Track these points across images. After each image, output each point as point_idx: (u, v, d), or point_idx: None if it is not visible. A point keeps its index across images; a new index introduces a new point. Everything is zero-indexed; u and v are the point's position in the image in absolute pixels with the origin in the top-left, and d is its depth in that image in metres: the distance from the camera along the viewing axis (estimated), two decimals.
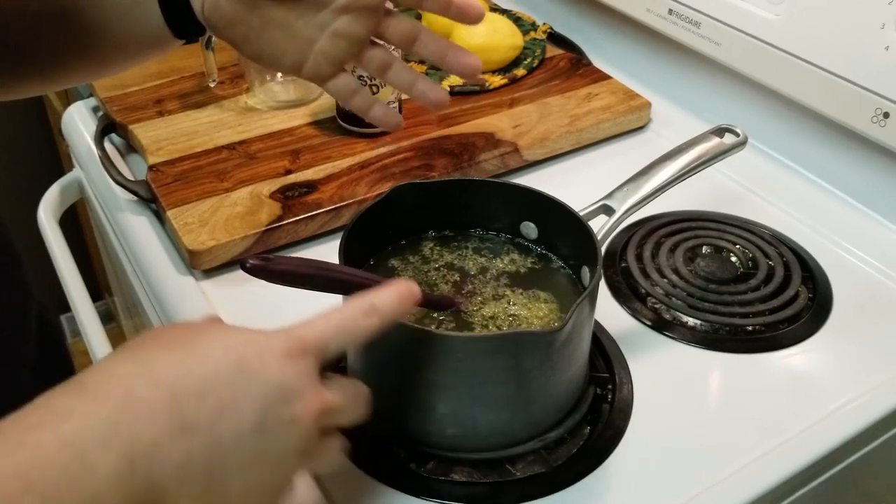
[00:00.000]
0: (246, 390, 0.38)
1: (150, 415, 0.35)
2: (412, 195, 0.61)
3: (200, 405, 0.37)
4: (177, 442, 0.36)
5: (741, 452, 0.55)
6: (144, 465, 0.35)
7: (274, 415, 0.39)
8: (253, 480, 0.39)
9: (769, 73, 0.79)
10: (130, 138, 0.84)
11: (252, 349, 0.40)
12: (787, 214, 0.77)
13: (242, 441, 0.38)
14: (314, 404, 0.40)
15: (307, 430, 0.40)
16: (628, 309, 0.66)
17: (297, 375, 0.40)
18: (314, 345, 0.42)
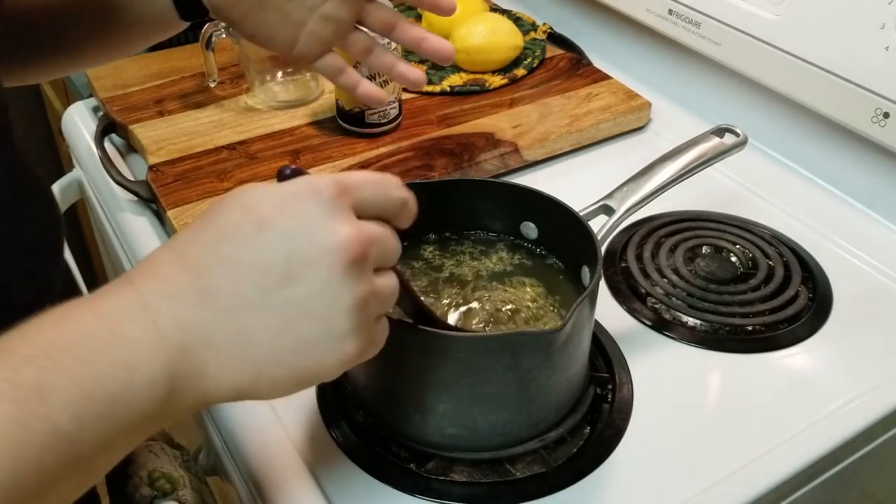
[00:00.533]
0: (264, 241, 0.37)
1: (174, 290, 0.36)
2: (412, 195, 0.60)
3: (219, 269, 0.37)
4: (201, 311, 0.36)
5: (741, 452, 0.55)
6: (173, 336, 0.36)
7: (300, 257, 0.36)
8: (302, 335, 0.37)
9: (769, 73, 0.79)
10: (131, 138, 0.84)
11: (271, 202, 0.38)
12: (787, 214, 0.77)
13: (272, 295, 0.36)
14: (349, 234, 0.37)
15: (350, 265, 0.37)
16: (628, 309, 0.66)
17: (323, 211, 0.37)
18: (343, 183, 0.39)
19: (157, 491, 0.60)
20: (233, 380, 0.37)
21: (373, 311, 0.39)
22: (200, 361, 0.36)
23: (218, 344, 0.36)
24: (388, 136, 0.83)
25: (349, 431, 0.56)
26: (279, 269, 0.36)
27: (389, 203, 0.41)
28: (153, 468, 0.61)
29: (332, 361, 0.38)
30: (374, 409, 0.56)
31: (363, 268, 0.38)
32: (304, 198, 0.37)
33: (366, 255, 0.38)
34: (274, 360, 0.37)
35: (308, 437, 0.56)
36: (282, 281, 0.36)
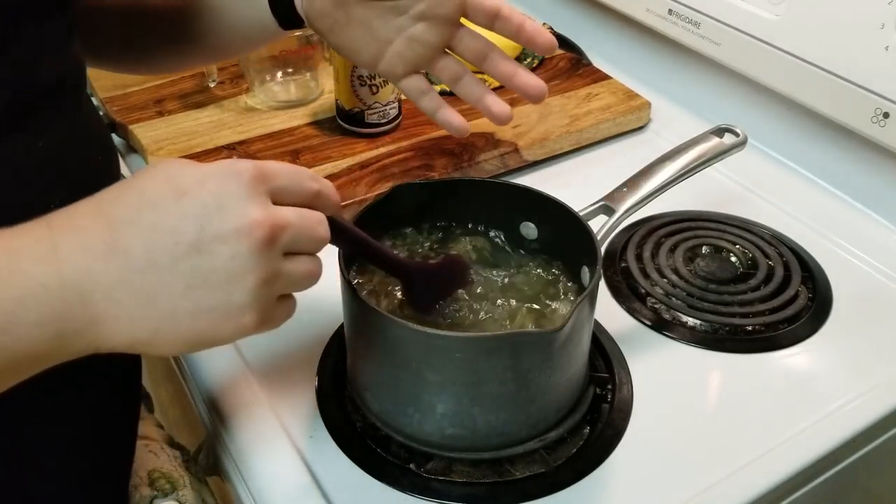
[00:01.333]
0: (181, 211, 0.39)
1: (87, 241, 0.38)
2: (412, 195, 0.61)
3: (135, 230, 0.39)
4: (109, 265, 0.38)
5: (741, 452, 0.55)
6: (75, 283, 0.37)
7: (213, 231, 0.39)
8: (202, 301, 0.39)
9: (769, 73, 0.79)
10: (131, 138, 0.84)
11: (193, 177, 0.40)
12: (787, 214, 0.77)
13: (180, 262, 0.39)
14: (261, 217, 0.39)
15: (257, 246, 0.39)
16: (628, 309, 0.66)
17: (241, 192, 0.40)
18: (262, 168, 0.41)
19: (156, 491, 0.60)
20: (130, 333, 0.39)
21: (275, 291, 0.42)
22: (98, 312, 0.38)
23: (119, 299, 0.38)
24: (387, 136, 0.83)
25: (349, 431, 0.56)
26: (190, 238, 0.39)
27: (303, 193, 0.43)
28: (153, 468, 0.61)
29: (227, 329, 0.41)
30: (374, 408, 0.56)
31: (270, 250, 0.40)
32: (225, 176, 0.40)
33: (273, 238, 0.40)
34: (172, 320, 0.39)
35: (308, 437, 0.56)
36: (191, 250, 0.39)
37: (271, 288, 0.41)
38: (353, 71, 0.79)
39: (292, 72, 0.90)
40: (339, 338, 0.62)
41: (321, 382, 0.59)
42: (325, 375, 0.60)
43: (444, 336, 0.49)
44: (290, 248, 0.42)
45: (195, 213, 0.39)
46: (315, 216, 0.43)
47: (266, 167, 0.42)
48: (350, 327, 0.56)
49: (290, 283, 0.43)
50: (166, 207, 0.39)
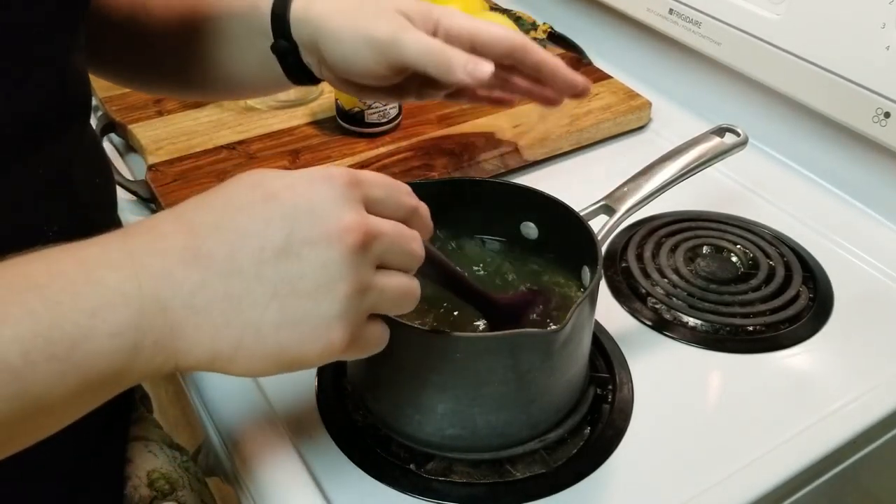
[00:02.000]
0: (269, 214, 0.37)
1: (166, 246, 0.36)
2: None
3: (218, 235, 0.36)
4: (189, 271, 0.36)
5: (741, 453, 0.55)
6: (153, 290, 0.35)
7: (302, 235, 0.36)
8: (289, 311, 0.36)
9: (769, 73, 0.79)
10: (130, 138, 0.84)
11: (283, 181, 0.38)
12: (788, 214, 0.77)
13: (266, 267, 0.36)
14: (354, 221, 0.37)
15: (349, 252, 0.37)
16: (628, 309, 0.66)
17: (334, 196, 0.37)
18: (357, 175, 0.39)
19: (156, 491, 0.60)
20: (211, 346, 0.36)
21: (367, 305, 0.39)
22: (178, 321, 0.35)
23: (201, 306, 0.36)
24: (387, 135, 0.83)
25: (349, 431, 0.56)
26: (278, 242, 0.36)
27: (400, 207, 0.41)
28: (152, 468, 0.61)
29: (314, 346, 0.37)
30: (374, 409, 0.56)
31: (363, 257, 0.38)
32: (317, 181, 0.38)
33: (367, 246, 0.38)
34: (257, 331, 0.37)
35: (308, 437, 0.56)
36: (279, 255, 0.36)
37: (362, 301, 0.38)
38: None
39: None
40: None
41: (321, 382, 0.59)
42: (325, 375, 0.60)
43: (445, 336, 0.49)
44: (382, 261, 0.39)
45: (284, 217, 0.37)
46: (411, 231, 0.41)
47: (361, 175, 0.40)
48: None
49: (382, 300, 0.40)
50: (253, 211, 0.37)
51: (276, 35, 0.57)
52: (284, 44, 0.57)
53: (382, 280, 0.39)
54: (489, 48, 0.55)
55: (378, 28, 0.52)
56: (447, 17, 0.55)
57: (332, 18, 0.55)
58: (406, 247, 0.40)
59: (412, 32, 0.52)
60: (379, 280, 0.39)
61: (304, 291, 0.36)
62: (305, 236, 0.36)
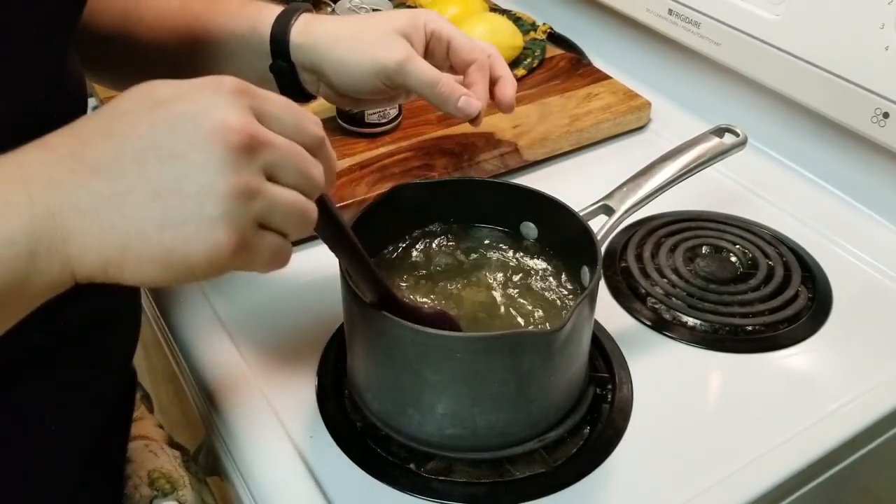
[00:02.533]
0: (154, 119, 0.37)
1: (54, 156, 0.37)
2: (412, 195, 0.61)
3: (104, 140, 0.37)
4: (76, 176, 0.36)
5: (741, 452, 0.55)
6: (42, 198, 0.35)
7: (186, 136, 0.37)
8: (171, 212, 0.36)
9: (769, 73, 0.79)
10: None
11: (172, 90, 0.38)
12: (787, 214, 0.77)
13: (150, 168, 0.36)
14: (238, 123, 0.37)
15: (231, 152, 0.37)
16: (628, 309, 0.66)
17: (219, 100, 0.37)
18: (251, 89, 0.39)
19: (156, 491, 0.60)
20: (99, 249, 0.37)
21: (255, 210, 0.38)
22: (67, 226, 0.36)
23: (87, 209, 0.36)
24: (387, 135, 0.83)
25: (349, 431, 0.56)
26: (163, 144, 0.37)
27: (300, 131, 0.40)
28: (153, 468, 0.61)
29: (199, 247, 0.37)
30: (374, 409, 0.56)
31: (247, 160, 0.37)
32: (205, 87, 0.38)
33: (251, 149, 0.37)
34: (141, 233, 0.37)
35: (308, 437, 0.56)
36: (162, 156, 0.37)
37: (248, 204, 0.38)
38: None
39: None
40: (339, 338, 0.62)
41: (321, 382, 0.59)
42: (325, 375, 0.60)
43: (444, 336, 0.49)
44: (274, 174, 0.39)
45: (169, 120, 0.37)
46: (309, 156, 0.40)
47: (256, 88, 0.39)
48: (350, 327, 0.55)
49: (273, 210, 0.39)
50: (139, 116, 0.37)
51: (275, 56, 0.58)
52: (283, 65, 0.58)
53: (274, 189, 0.39)
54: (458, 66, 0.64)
55: (384, 57, 0.57)
56: (432, 22, 0.63)
57: (336, 46, 0.57)
58: (302, 166, 0.40)
59: (415, 62, 0.58)
60: (269, 188, 0.38)
61: (188, 192, 0.36)
62: (189, 138, 0.37)
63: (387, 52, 0.56)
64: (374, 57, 0.55)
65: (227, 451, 0.57)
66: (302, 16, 0.60)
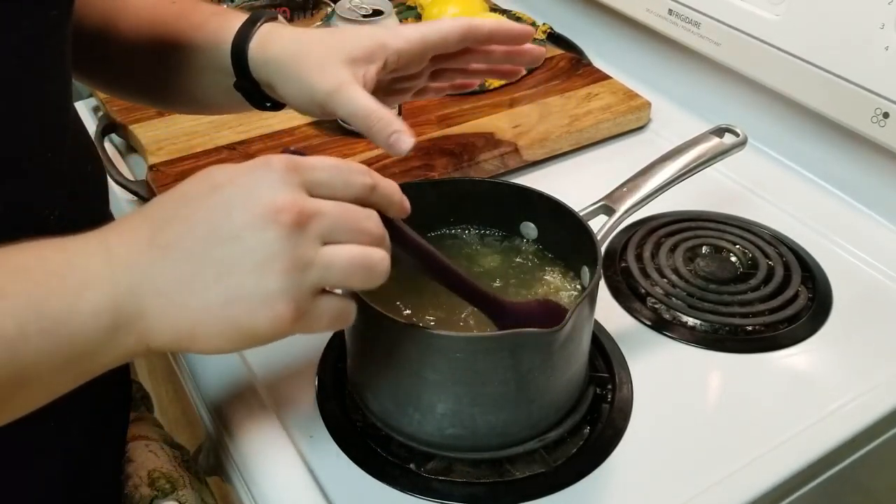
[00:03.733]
0: (213, 202, 0.40)
1: (132, 238, 0.40)
2: (412, 195, 0.60)
3: (172, 225, 0.40)
4: (151, 258, 0.40)
5: (741, 452, 0.55)
6: (123, 276, 0.39)
7: (242, 221, 0.40)
8: (233, 290, 0.40)
9: (769, 73, 0.79)
10: (130, 138, 0.84)
11: (228, 173, 0.41)
12: (787, 214, 0.77)
13: (212, 250, 0.40)
14: (287, 202, 0.40)
15: (284, 231, 0.39)
16: (628, 309, 0.66)
17: (270, 181, 0.40)
18: (299, 163, 0.42)
19: (157, 491, 0.60)
20: (172, 326, 0.40)
21: (311, 280, 0.41)
22: (145, 303, 0.39)
23: (161, 290, 0.40)
24: None
25: (349, 431, 0.56)
26: (223, 227, 0.40)
27: (349, 187, 0.43)
28: (153, 468, 0.61)
29: (263, 318, 0.40)
30: (374, 409, 0.56)
31: (301, 235, 0.40)
32: (255, 169, 0.41)
33: (303, 224, 0.40)
34: (207, 310, 0.40)
35: (308, 437, 0.56)
36: (223, 239, 0.40)
37: (303, 276, 0.40)
38: None
39: None
40: (339, 338, 0.62)
41: (321, 382, 0.59)
42: (325, 375, 0.60)
43: (444, 336, 0.49)
44: (329, 239, 0.41)
45: (226, 204, 0.40)
46: (360, 210, 0.43)
47: (302, 160, 0.42)
48: (350, 327, 0.55)
49: (329, 274, 0.41)
50: (199, 202, 0.41)
51: (238, 73, 0.58)
52: (246, 83, 0.58)
53: (328, 255, 0.41)
54: (443, 47, 0.58)
55: (318, 83, 0.54)
56: (394, 39, 0.56)
57: (283, 68, 0.56)
58: (354, 223, 0.42)
59: (346, 91, 0.53)
60: (323, 256, 0.41)
61: (246, 270, 0.40)
62: (245, 220, 0.40)
63: (320, 80, 0.54)
64: (311, 83, 0.54)
65: (227, 451, 0.57)
66: (261, 28, 0.57)
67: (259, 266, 0.39)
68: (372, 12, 0.77)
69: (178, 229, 0.40)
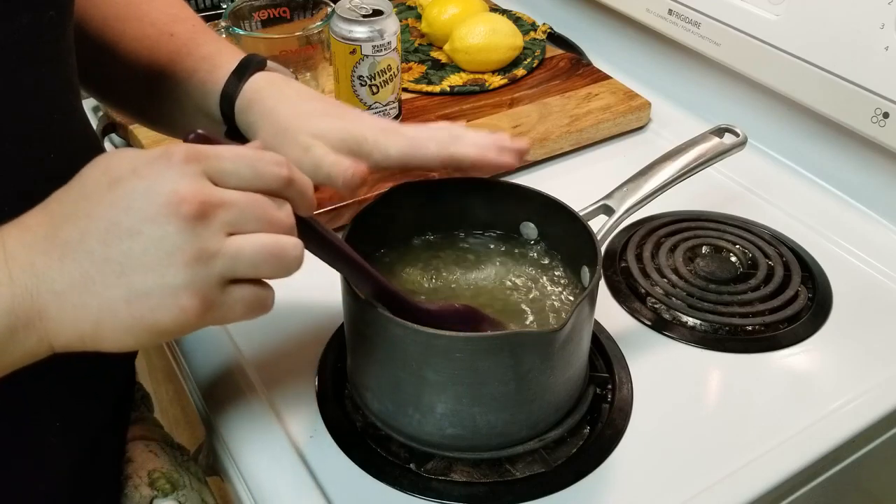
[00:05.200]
0: (112, 198, 0.39)
1: (30, 238, 0.39)
2: (412, 195, 0.61)
3: (71, 222, 0.39)
4: (49, 258, 0.39)
5: (741, 452, 0.55)
6: (21, 279, 0.38)
7: (141, 215, 0.38)
8: (136, 286, 0.38)
9: (769, 73, 0.79)
10: (131, 138, 0.84)
11: (128, 165, 0.40)
12: (787, 214, 0.77)
13: (112, 247, 0.38)
14: (188, 192, 0.38)
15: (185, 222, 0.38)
16: (628, 309, 0.66)
17: (169, 173, 0.39)
18: (202, 152, 0.40)
19: (157, 491, 0.60)
20: (74, 326, 0.39)
21: (217, 271, 0.40)
22: (43, 305, 0.39)
23: (60, 290, 0.39)
24: None
25: (349, 431, 0.56)
26: (122, 223, 0.39)
27: (260, 178, 0.41)
28: (153, 468, 0.61)
29: (167, 315, 0.39)
30: (374, 409, 0.56)
31: (203, 227, 0.39)
32: (155, 161, 0.40)
33: (206, 214, 0.39)
34: (110, 309, 0.39)
35: (308, 437, 0.56)
36: (122, 235, 0.39)
37: (208, 267, 0.39)
38: (354, 71, 0.80)
39: (292, 72, 0.89)
40: (339, 338, 0.62)
41: (321, 382, 0.59)
42: (325, 375, 0.60)
43: (444, 336, 0.49)
44: (235, 229, 0.40)
45: (125, 198, 0.39)
46: (268, 201, 0.41)
47: (205, 149, 0.41)
48: (350, 327, 0.56)
49: (237, 264, 0.40)
50: (100, 196, 0.39)
51: (227, 123, 0.57)
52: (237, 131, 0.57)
53: (234, 244, 0.40)
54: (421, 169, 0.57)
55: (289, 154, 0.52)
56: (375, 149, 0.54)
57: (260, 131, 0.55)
58: (262, 213, 0.41)
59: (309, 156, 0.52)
60: (230, 246, 0.40)
61: (148, 265, 0.39)
62: (144, 214, 0.39)
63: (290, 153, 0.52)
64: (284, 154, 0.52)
65: (227, 451, 0.57)
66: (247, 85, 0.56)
67: (160, 260, 0.38)
68: (372, 12, 0.78)
69: (78, 226, 0.39)
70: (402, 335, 0.50)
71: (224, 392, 0.60)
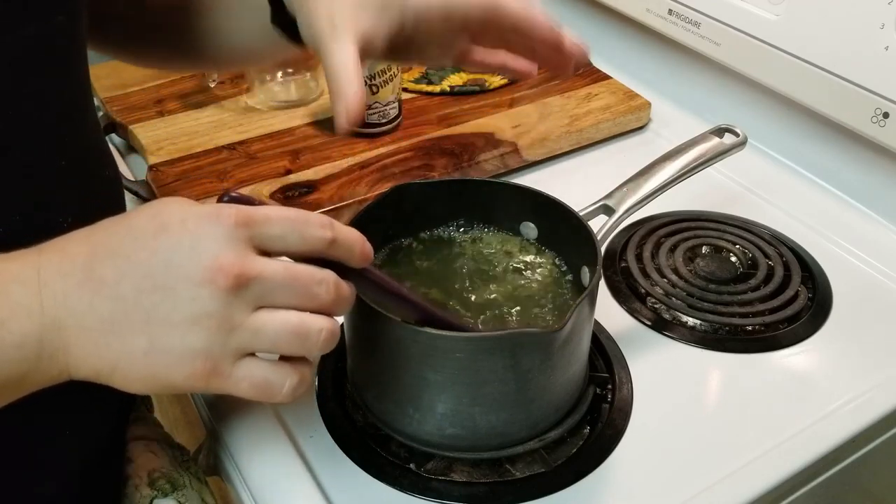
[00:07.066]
0: (155, 247, 0.39)
1: (69, 268, 0.39)
2: (412, 195, 0.61)
3: (111, 260, 0.39)
4: (83, 292, 0.39)
5: (741, 452, 0.55)
6: (51, 309, 0.38)
7: (180, 272, 0.38)
8: (158, 340, 0.39)
9: (769, 73, 0.79)
10: (131, 138, 0.84)
11: (178, 215, 0.40)
12: (787, 214, 0.77)
13: (144, 297, 0.39)
14: (228, 263, 0.38)
15: (219, 292, 0.38)
16: (628, 309, 0.66)
17: (217, 235, 0.39)
18: (252, 217, 0.40)
19: (157, 491, 0.60)
20: (93, 363, 0.40)
21: (235, 343, 0.40)
22: (69, 339, 0.39)
23: (88, 327, 0.39)
24: (387, 136, 0.83)
25: (349, 431, 0.56)
26: (159, 274, 0.39)
27: (305, 242, 0.41)
28: (153, 468, 0.61)
29: (180, 375, 0.40)
30: (374, 408, 0.56)
31: (235, 298, 0.39)
32: (205, 218, 0.39)
33: (239, 287, 0.39)
34: (128, 355, 0.39)
35: (308, 437, 0.56)
36: (157, 286, 0.39)
37: (228, 337, 0.40)
38: None
39: (292, 72, 0.90)
40: (340, 338, 0.61)
41: (321, 382, 0.59)
42: (325, 375, 0.60)
43: (445, 336, 0.49)
44: (267, 301, 0.40)
45: (167, 251, 0.39)
46: (312, 274, 0.41)
47: (256, 212, 0.40)
48: (350, 327, 0.56)
49: (257, 340, 0.40)
50: (144, 242, 0.39)
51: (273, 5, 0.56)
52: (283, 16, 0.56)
53: (259, 320, 0.40)
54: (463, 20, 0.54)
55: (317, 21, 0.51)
56: None
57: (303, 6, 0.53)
58: (301, 288, 0.41)
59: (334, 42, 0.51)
60: (254, 321, 0.40)
61: (174, 323, 0.39)
62: (182, 272, 0.39)
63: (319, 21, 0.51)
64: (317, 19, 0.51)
65: (227, 451, 0.57)
66: None
67: (187, 321, 0.39)
68: None
69: (117, 266, 0.39)
70: (402, 335, 0.50)
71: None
